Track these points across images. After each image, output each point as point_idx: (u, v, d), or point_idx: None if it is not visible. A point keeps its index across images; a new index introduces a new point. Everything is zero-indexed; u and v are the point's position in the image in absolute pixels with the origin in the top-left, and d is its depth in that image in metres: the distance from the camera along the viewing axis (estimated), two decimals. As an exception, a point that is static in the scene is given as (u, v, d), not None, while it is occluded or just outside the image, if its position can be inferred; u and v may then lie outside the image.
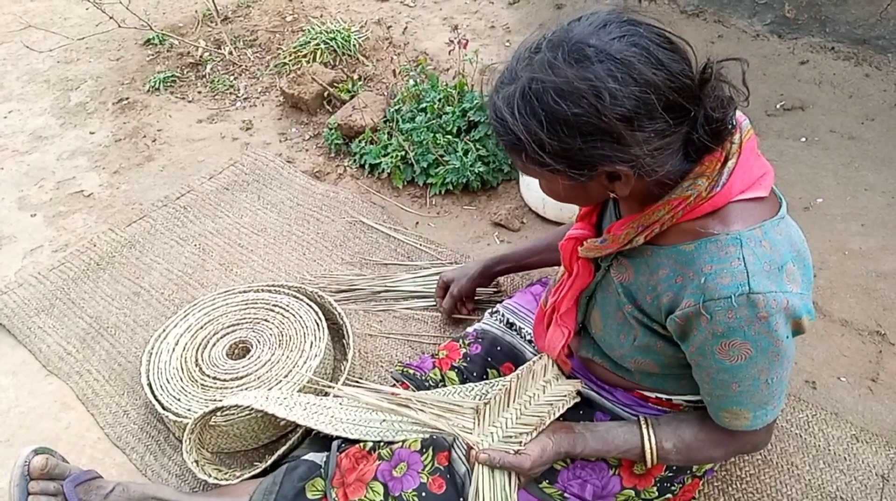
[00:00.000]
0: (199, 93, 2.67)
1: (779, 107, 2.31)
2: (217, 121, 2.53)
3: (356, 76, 2.54)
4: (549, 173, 0.89)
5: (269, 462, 1.33)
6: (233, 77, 2.72)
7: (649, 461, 1.09)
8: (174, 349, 1.60)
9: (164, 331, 1.65)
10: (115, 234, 2.06)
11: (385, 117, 2.26)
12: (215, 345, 1.61)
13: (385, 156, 2.15)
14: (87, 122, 2.57)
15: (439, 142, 2.10)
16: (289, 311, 1.66)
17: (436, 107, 2.17)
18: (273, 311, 1.67)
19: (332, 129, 2.29)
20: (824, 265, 1.78)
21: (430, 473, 1.15)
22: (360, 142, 2.22)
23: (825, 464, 1.40)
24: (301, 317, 1.64)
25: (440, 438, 1.19)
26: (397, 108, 2.24)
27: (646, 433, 1.09)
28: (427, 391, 1.30)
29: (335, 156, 2.31)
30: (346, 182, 2.21)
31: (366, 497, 1.13)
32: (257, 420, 1.44)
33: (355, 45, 2.69)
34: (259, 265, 1.93)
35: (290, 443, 1.37)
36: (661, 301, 0.96)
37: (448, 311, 1.68)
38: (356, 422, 1.25)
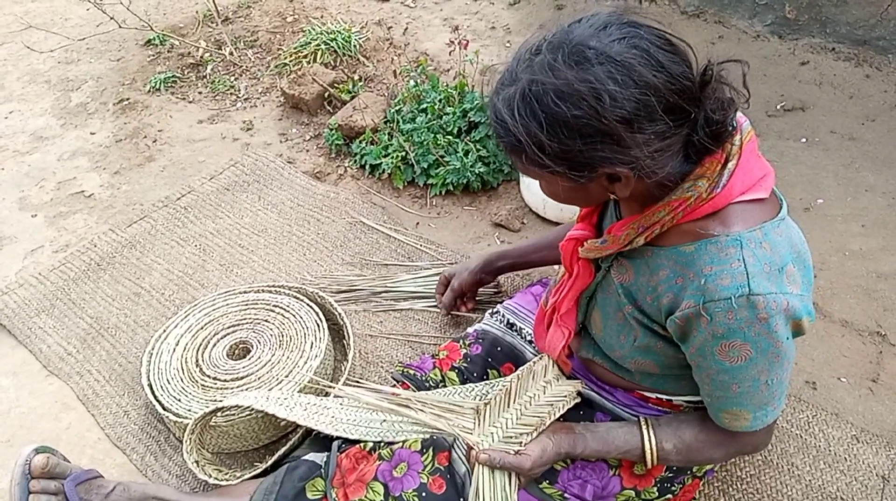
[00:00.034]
0: (200, 93, 2.67)
1: (779, 107, 2.31)
2: (218, 121, 2.53)
3: (357, 77, 2.54)
4: (549, 175, 0.89)
5: (270, 462, 1.33)
6: (233, 78, 2.73)
7: (649, 461, 1.09)
8: (175, 350, 1.60)
9: (165, 332, 1.65)
10: (115, 234, 2.06)
11: (385, 118, 2.26)
12: (216, 346, 1.61)
13: (385, 156, 2.15)
14: (88, 122, 2.57)
15: (440, 142, 2.10)
16: (289, 311, 1.66)
17: (436, 107, 2.17)
18: (273, 311, 1.67)
19: (332, 129, 2.29)
20: (825, 266, 1.78)
21: (430, 473, 1.15)
22: (360, 142, 2.22)
23: (826, 465, 1.40)
24: (301, 318, 1.64)
25: (440, 438, 1.19)
26: (398, 108, 2.25)
27: (646, 434, 1.09)
28: (427, 391, 1.30)
29: (336, 156, 2.31)
30: (346, 183, 2.21)
31: (366, 497, 1.13)
32: (258, 421, 1.44)
33: (356, 46, 2.69)
34: (259, 266, 1.93)
35: (290, 444, 1.37)
36: (662, 302, 0.96)
37: (448, 305, 1.66)
38: (356, 422, 1.25)
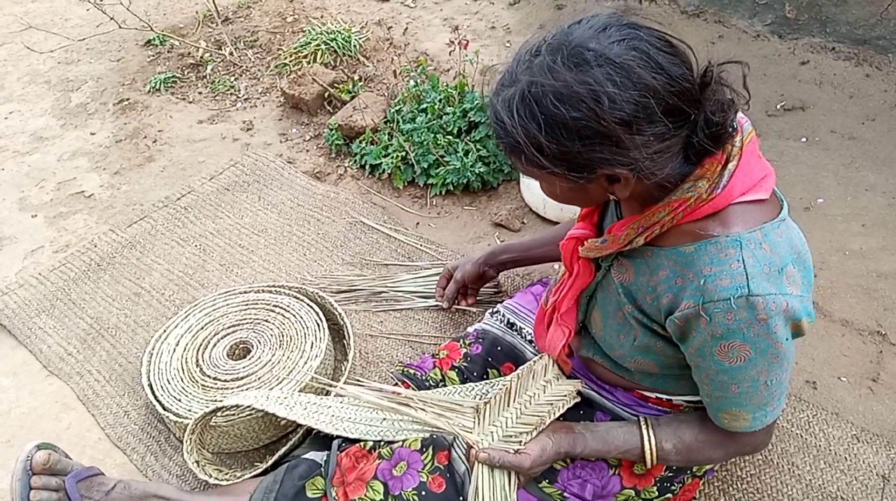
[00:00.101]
0: (200, 93, 2.67)
1: (779, 107, 2.31)
2: (218, 121, 2.53)
3: (357, 77, 2.54)
4: (548, 176, 0.90)
5: (270, 462, 1.33)
6: (233, 78, 2.73)
7: (649, 461, 1.09)
8: (175, 350, 1.61)
9: (165, 332, 1.65)
10: (115, 234, 2.06)
11: (385, 118, 2.26)
12: (216, 346, 1.61)
13: (385, 156, 2.15)
14: (88, 122, 2.57)
15: (440, 142, 2.10)
16: (289, 311, 1.66)
17: (436, 107, 2.17)
18: (274, 311, 1.67)
19: (332, 129, 2.29)
20: (825, 265, 1.78)
21: (429, 472, 1.15)
22: (360, 142, 2.22)
23: (826, 464, 1.40)
24: (302, 318, 1.64)
25: (440, 437, 1.19)
26: (398, 108, 2.25)
27: (645, 434, 1.09)
28: (427, 390, 1.30)
29: (336, 156, 2.31)
30: (346, 183, 2.21)
31: (366, 495, 1.13)
32: (258, 421, 1.44)
33: (356, 46, 2.69)
34: (259, 266, 1.94)
35: (290, 443, 1.37)
36: (661, 302, 0.96)
37: (450, 297, 1.66)
38: (356, 421, 1.25)
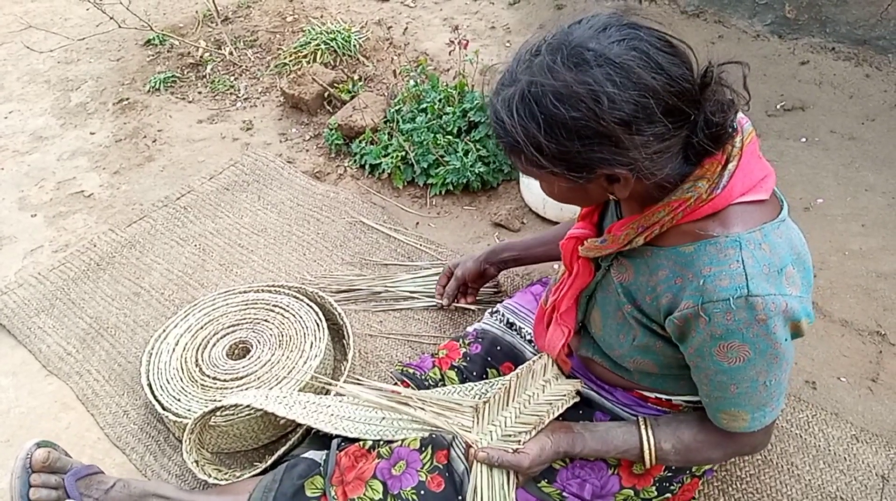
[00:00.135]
0: (200, 93, 2.67)
1: (779, 107, 2.31)
2: (217, 121, 2.53)
3: (356, 77, 2.54)
4: (548, 175, 0.90)
5: (270, 461, 1.33)
6: (233, 77, 2.73)
7: (648, 461, 1.09)
8: (174, 350, 1.61)
9: (165, 331, 1.65)
10: (115, 234, 2.06)
11: (385, 118, 2.26)
12: (215, 345, 1.61)
13: (385, 156, 2.15)
14: (88, 122, 2.57)
15: (440, 142, 2.10)
16: (289, 311, 1.66)
17: (436, 107, 2.17)
18: (273, 311, 1.67)
19: (332, 129, 2.29)
20: (824, 266, 1.78)
21: (428, 471, 1.15)
22: (360, 142, 2.22)
23: (825, 464, 1.40)
24: (301, 317, 1.64)
25: (439, 436, 1.19)
26: (398, 108, 2.24)
27: (644, 434, 1.09)
28: (427, 390, 1.30)
29: (335, 156, 2.31)
30: (346, 182, 2.21)
31: (365, 495, 1.13)
32: (257, 420, 1.44)
33: (356, 46, 2.69)
34: (259, 266, 1.93)
35: (290, 443, 1.37)
36: (661, 302, 0.96)
37: (450, 295, 1.66)
38: (356, 420, 1.25)
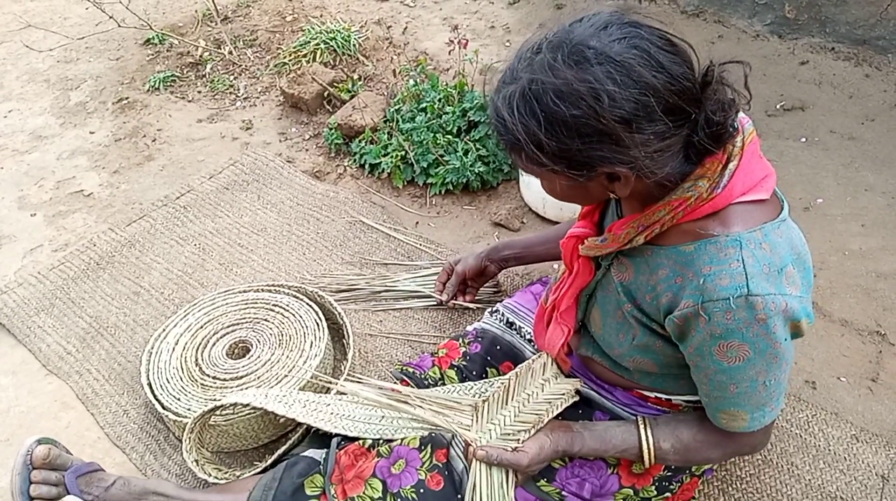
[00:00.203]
0: (199, 92, 2.67)
1: (779, 107, 2.31)
2: (217, 121, 2.53)
3: (356, 76, 2.54)
4: (548, 173, 0.90)
5: (270, 461, 1.33)
6: (233, 77, 2.72)
7: (647, 461, 1.09)
8: (174, 349, 1.60)
9: (164, 331, 1.65)
10: (114, 233, 2.06)
11: (385, 117, 2.26)
12: (215, 345, 1.61)
13: (385, 156, 2.15)
14: (87, 121, 2.57)
15: (439, 142, 2.10)
16: (289, 311, 1.66)
17: (436, 107, 2.17)
18: (273, 311, 1.67)
19: (332, 129, 2.29)
20: (824, 266, 1.78)
21: (428, 470, 1.15)
22: (360, 142, 2.22)
23: (825, 464, 1.40)
24: (301, 317, 1.64)
25: (439, 435, 1.19)
26: (397, 108, 2.24)
27: (643, 433, 1.09)
28: (426, 389, 1.30)
29: (335, 156, 2.31)
30: (346, 182, 2.21)
31: (364, 493, 1.13)
32: (257, 420, 1.44)
33: (355, 45, 2.69)
34: (259, 265, 1.93)
35: (290, 442, 1.37)
36: (661, 301, 0.96)
37: (450, 290, 1.66)
38: (355, 419, 1.25)
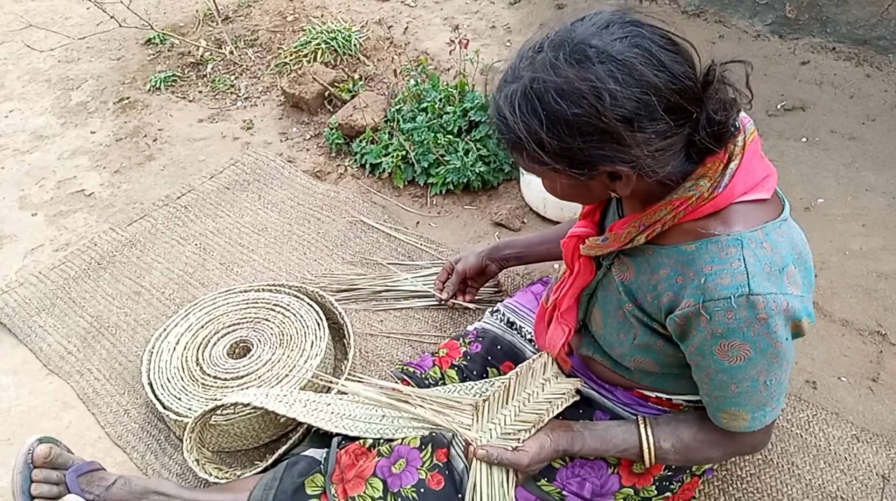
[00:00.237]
0: (200, 92, 2.67)
1: (780, 107, 2.31)
2: (218, 120, 2.53)
3: (357, 76, 2.54)
4: (549, 172, 0.90)
5: (270, 460, 1.33)
6: (234, 77, 2.72)
7: (647, 460, 1.09)
8: (175, 349, 1.61)
9: (165, 330, 1.65)
10: (115, 233, 2.06)
11: (386, 117, 2.26)
12: (216, 344, 1.61)
13: (386, 156, 2.15)
14: (88, 121, 2.57)
15: (440, 142, 2.10)
16: (289, 310, 1.66)
17: (437, 107, 2.17)
18: (274, 310, 1.67)
19: (332, 128, 2.29)
20: (825, 265, 1.78)
21: (428, 469, 1.15)
22: (360, 142, 2.22)
23: (826, 464, 1.40)
24: (302, 316, 1.64)
25: (439, 435, 1.19)
26: (398, 107, 2.24)
27: (644, 433, 1.09)
28: (427, 388, 1.30)
29: (336, 156, 2.31)
30: (346, 182, 2.21)
31: (365, 493, 1.13)
32: (257, 419, 1.44)
33: (356, 45, 2.69)
34: (260, 265, 1.93)
35: (290, 442, 1.37)
36: (662, 301, 0.96)
37: (451, 289, 1.66)
38: (356, 419, 1.25)
